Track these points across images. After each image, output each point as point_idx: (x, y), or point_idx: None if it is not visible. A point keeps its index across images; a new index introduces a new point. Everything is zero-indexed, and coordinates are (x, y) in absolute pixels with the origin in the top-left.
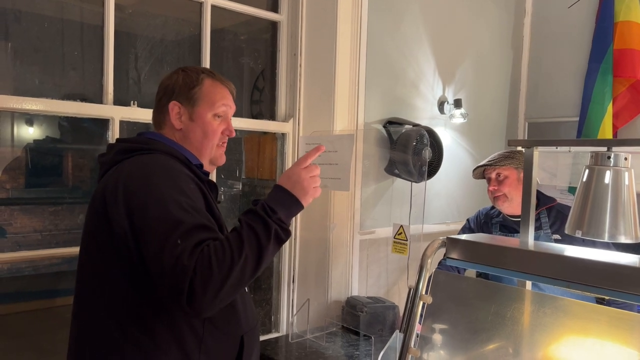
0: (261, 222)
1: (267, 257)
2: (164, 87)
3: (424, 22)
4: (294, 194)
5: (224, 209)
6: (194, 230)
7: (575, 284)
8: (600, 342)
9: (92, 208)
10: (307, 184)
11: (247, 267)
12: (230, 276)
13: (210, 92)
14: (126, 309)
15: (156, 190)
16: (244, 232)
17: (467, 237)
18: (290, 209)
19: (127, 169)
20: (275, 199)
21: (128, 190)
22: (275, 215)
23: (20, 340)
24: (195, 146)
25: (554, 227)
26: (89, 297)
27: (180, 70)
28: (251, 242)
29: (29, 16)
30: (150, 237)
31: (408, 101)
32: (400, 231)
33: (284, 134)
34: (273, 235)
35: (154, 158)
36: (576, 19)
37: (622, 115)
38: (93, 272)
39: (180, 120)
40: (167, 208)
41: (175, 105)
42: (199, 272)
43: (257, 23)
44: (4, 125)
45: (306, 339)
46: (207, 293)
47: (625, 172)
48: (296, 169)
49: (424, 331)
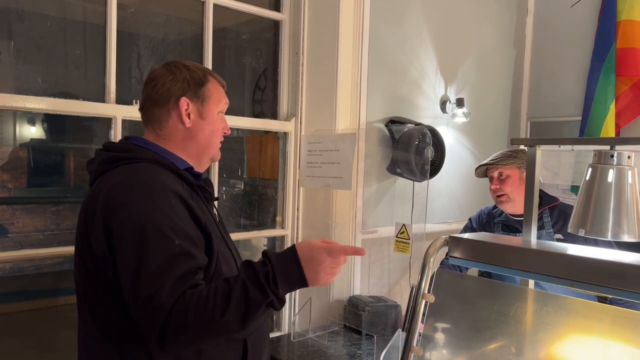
0: (258, 289)
1: (252, 321)
2: (166, 80)
3: (426, 21)
4: (305, 272)
5: (226, 209)
6: (176, 260)
7: (578, 283)
8: (603, 340)
9: (78, 221)
10: (324, 273)
11: (227, 326)
12: (206, 332)
13: (216, 89)
14: (117, 323)
15: (134, 210)
16: (236, 291)
17: (469, 236)
18: (293, 286)
19: (109, 185)
20: (284, 272)
21: (106, 209)
22: (275, 288)
23: (23, 338)
24: (201, 145)
25: (556, 227)
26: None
27: (180, 66)
28: (239, 305)
29: (32, 15)
30: (128, 264)
31: (410, 100)
32: (403, 230)
33: (286, 133)
34: (265, 305)
35: (136, 171)
36: (579, 17)
37: (625, 114)
38: (83, 288)
39: (190, 118)
40: (146, 234)
41: (185, 101)
42: (174, 318)
43: (259, 22)
44: (6, 124)
45: (308, 338)
46: (177, 342)
47: (628, 171)
48: (323, 251)
49: (427, 330)
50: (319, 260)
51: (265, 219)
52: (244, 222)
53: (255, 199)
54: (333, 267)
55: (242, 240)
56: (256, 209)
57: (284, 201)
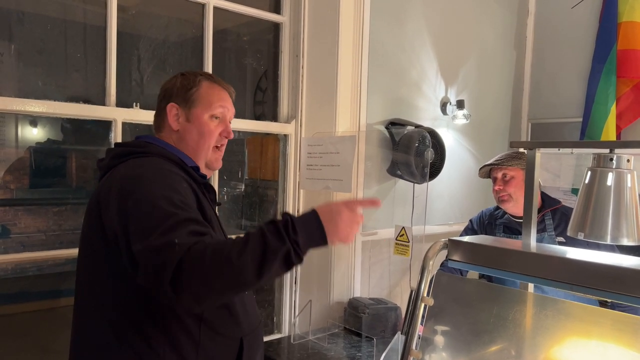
0: (276, 235)
1: (268, 272)
2: (163, 90)
3: (427, 22)
4: (325, 227)
5: (226, 210)
6: (187, 222)
7: (578, 287)
8: (603, 344)
9: (87, 212)
10: (344, 226)
11: (243, 272)
12: (221, 275)
13: (208, 93)
14: (120, 313)
15: (147, 188)
16: (253, 238)
17: (468, 239)
18: (312, 238)
19: (121, 172)
20: (303, 222)
21: (120, 192)
22: (294, 235)
23: (25, 340)
24: (191, 147)
25: (558, 229)
26: (85, 301)
27: (179, 75)
28: (255, 250)
29: (32, 17)
30: (140, 230)
31: (410, 102)
32: (402, 233)
33: (286, 135)
34: (283, 253)
35: (148, 160)
36: (579, 19)
37: (626, 116)
38: (88, 277)
39: (178, 122)
40: (158, 203)
41: (173, 107)
42: (191, 255)
43: (260, 24)
44: (8, 126)
45: (308, 340)
46: (192, 284)
47: (627, 174)
48: (342, 206)
49: (426, 333)
50: (337, 211)
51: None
52: (244, 223)
53: (255, 201)
54: (352, 221)
55: None
56: (257, 211)
57: (284, 203)
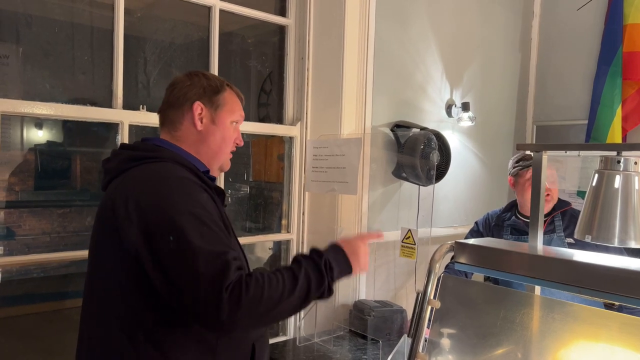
0: (318, 275)
1: (306, 305)
2: (184, 87)
3: (432, 25)
4: (350, 260)
5: (232, 212)
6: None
7: (585, 290)
8: (610, 348)
9: (100, 219)
10: (363, 257)
11: (290, 306)
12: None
13: (232, 100)
14: (133, 319)
15: (171, 207)
16: (301, 277)
17: (475, 242)
18: (342, 272)
19: (138, 180)
20: (335, 259)
21: (141, 207)
22: (331, 273)
23: (29, 341)
24: (212, 149)
25: (567, 231)
26: (95, 307)
27: (200, 74)
28: (302, 289)
29: (40, 20)
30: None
31: (416, 104)
32: (408, 235)
33: (292, 137)
34: (324, 290)
35: (164, 167)
36: (585, 21)
37: (632, 118)
38: (101, 284)
39: (202, 122)
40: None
41: (199, 105)
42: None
43: (265, 26)
44: (14, 128)
45: (313, 342)
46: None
47: (635, 177)
48: (357, 240)
49: (432, 336)
50: (356, 246)
51: (271, 223)
52: (249, 225)
53: (260, 203)
54: (366, 253)
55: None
56: (262, 213)
57: (290, 205)
